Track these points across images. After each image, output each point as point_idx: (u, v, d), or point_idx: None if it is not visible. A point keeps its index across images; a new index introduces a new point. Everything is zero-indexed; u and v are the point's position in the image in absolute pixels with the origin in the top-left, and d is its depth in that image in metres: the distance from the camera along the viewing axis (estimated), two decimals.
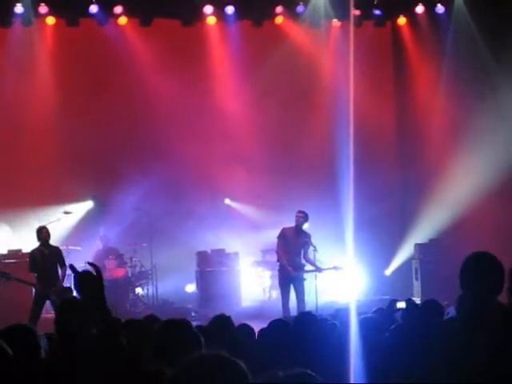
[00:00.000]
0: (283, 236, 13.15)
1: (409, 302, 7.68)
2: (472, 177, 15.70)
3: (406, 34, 17.60)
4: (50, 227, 13.17)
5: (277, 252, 13.32)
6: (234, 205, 17.60)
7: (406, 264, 16.72)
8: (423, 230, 16.64)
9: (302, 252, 13.11)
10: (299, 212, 13.18)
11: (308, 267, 13.16)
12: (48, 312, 12.82)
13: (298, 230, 13.11)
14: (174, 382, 2.66)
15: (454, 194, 15.86)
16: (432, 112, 16.93)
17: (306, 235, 13.16)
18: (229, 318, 6.41)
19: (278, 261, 13.22)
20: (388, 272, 17.09)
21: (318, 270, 13.15)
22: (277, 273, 13.47)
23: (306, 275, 13.09)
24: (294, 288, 12.91)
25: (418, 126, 17.31)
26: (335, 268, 13.46)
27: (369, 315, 6.51)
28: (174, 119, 16.68)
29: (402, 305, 7.96)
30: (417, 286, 15.90)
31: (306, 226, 13.37)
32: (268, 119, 17.04)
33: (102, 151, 16.40)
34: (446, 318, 6.49)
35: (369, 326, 5.71)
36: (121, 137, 16.64)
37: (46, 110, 16.17)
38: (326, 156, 16.28)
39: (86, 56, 16.52)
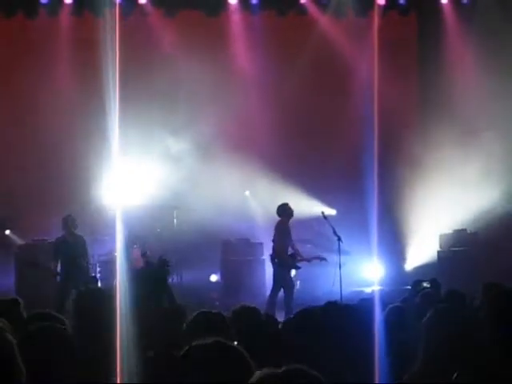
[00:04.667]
0: (281, 230, 13.16)
1: (433, 281, 7.74)
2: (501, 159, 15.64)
3: (431, 23, 17.49)
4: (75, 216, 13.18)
5: (273, 249, 13.28)
6: (255, 197, 17.42)
7: (429, 254, 16.61)
8: (447, 221, 16.49)
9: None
10: (288, 205, 13.24)
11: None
12: None
13: (288, 223, 13.22)
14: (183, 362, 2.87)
15: (480, 181, 15.77)
16: (458, 101, 16.78)
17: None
18: (252, 308, 6.41)
19: (277, 256, 13.15)
20: (409, 266, 16.91)
21: (305, 260, 13.32)
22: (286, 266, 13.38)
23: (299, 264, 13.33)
24: (288, 281, 12.98)
25: (443, 114, 17.17)
26: (319, 258, 13.57)
27: (397, 304, 6.53)
28: (195, 111, 16.62)
29: (426, 285, 8.02)
30: (440, 276, 15.77)
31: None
32: (291, 108, 17.04)
33: None
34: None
35: (397, 316, 5.73)
36: (140, 126, 16.58)
37: (65, 105, 16.14)
38: (350, 145, 16.20)
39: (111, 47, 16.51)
